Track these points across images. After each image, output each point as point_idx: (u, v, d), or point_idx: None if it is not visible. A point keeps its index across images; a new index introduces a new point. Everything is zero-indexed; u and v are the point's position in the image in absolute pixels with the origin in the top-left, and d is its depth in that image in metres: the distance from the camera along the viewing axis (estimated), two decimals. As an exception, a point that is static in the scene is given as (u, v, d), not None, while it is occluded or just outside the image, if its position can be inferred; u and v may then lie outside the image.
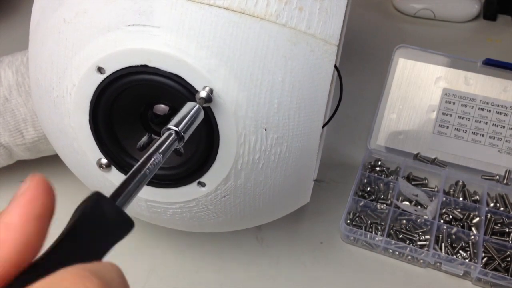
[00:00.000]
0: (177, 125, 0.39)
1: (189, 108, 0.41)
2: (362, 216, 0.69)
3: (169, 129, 0.38)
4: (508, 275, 0.62)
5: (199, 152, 0.47)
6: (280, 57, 0.44)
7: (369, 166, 0.75)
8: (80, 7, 0.45)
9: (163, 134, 0.38)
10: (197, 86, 0.43)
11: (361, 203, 0.70)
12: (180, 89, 0.44)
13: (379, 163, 0.75)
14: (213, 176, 0.48)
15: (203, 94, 0.43)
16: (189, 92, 0.44)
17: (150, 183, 0.49)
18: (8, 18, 1.05)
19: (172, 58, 0.43)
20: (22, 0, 1.09)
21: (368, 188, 0.72)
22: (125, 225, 0.28)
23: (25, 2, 1.08)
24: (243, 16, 0.43)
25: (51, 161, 0.71)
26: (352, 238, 0.66)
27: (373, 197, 0.71)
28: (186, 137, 0.39)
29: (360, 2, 1.05)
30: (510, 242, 0.65)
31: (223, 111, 0.44)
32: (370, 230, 0.67)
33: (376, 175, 0.73)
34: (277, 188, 0.50)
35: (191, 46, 0.43)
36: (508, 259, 0.64)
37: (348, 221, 0.68)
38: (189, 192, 0.49)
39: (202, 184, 0.48)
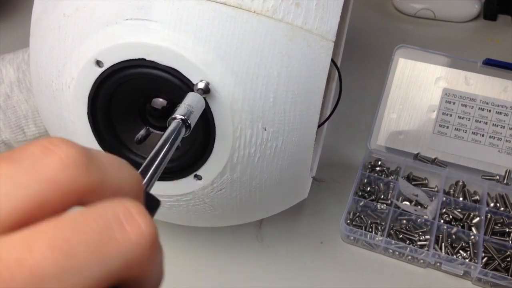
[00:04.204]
0: (182, 114, 0.39)
1: (191, 97, 0.41)
2: (362, 216, 0.69)
3: (175, 118, 0.38)
4: (508, 275, 0.62)
5: (195, 145, 0.47)
6: (276, 52, 0.45)
7: (369, 166, 0.75)
8: (80, 1, 0.46)
9: (169, 125, 0.38)
10: (194, 80, 0.44)
11: (361, 203, 0.70)
12: (177, 83, 0.44)
13: (379, 163, 0.75)
14: (209, 169, 0.48)
15: (201, 85, 0.43)
16: (187, 86, 0.44)
17: None
18: (9, 17, 1.06)
19: (170, 52, 0.43)
20: (25, 0, 1.10)
21: (368, 188, 0.72)
22: (152, 205, 0.28)
23: (26, 2, 1.09)
24: (240, 11, 0.44)
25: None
26: (352, 238, 0.66)
27: (373, 197, 0.71)
28: (192, 125, 0.39)
29: (361, 2, 1.05)
30: (510, 242, 0.65)
31: (220, 104, 0.44)
32: (370, 230, 0.67)
33: (376, 175, 0.73)
34: (273, 182, 0.51)
35: (188, 40, 0.43)
36: (508, 259, 0.64)
37: (348, 221, 0.68)
38: (185, 185, 0.49)
39: (198, 177, 0.48)
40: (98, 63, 0.45)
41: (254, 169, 0.48)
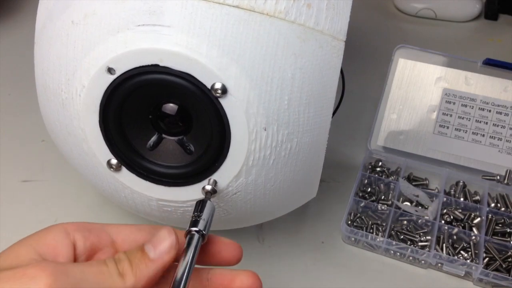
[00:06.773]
0: (199, 226, 0.42)
1: (209, 208, 0.44)
2: (363, 217, 0.69)
3: (193, 231, 0.42)
4: (509, 276, 0.62)
5: (210, 150, 0.47)
6: (290, 54, 0.45)
7: (370, 166, 0.75)
8: (89, 8, 0.45)
9: (188, 237, 0.41)
10: (209, 85, 0.44)
11: (362, 204, 0.69)
12: (191, 88, 0.44)
13: (380, 163, 0.75)
14: (224, 174, 0.48)
15: (218, 85, 0.43)
16: (201, 91, 0.44)
17: (161, 183, 0.49)
18: (10, 17, 1.04)
19: (184, 57, 0.43)
20: (25, 0, 1.08)
21: (369, 189, 0.72)
22: None
23: (27, 2, 1.07)
24: (253, 14, 0.44)
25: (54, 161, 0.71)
26: (353, 239, 0.66)
27: (374, 197, 0.71)
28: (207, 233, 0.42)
29: (362, 1, 1.05)
30: (511, 242, 0.66)
31: (235, 108, 0.44)
32: (371, 231, 0.67)
33: (376, 175, 0.73)
34: (287, 183, 0.51)
35: (202, 44, 0.43)
36: (509, 260, 0.64)
37: (349, 222, 0.68)
38: (200, 190, 0.49)
39: (213, 182, 0.48)
40: (110, 70, 0.44)
41: (269, 171, 0.48)
